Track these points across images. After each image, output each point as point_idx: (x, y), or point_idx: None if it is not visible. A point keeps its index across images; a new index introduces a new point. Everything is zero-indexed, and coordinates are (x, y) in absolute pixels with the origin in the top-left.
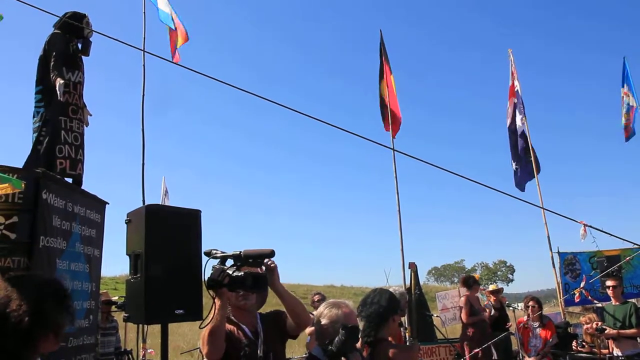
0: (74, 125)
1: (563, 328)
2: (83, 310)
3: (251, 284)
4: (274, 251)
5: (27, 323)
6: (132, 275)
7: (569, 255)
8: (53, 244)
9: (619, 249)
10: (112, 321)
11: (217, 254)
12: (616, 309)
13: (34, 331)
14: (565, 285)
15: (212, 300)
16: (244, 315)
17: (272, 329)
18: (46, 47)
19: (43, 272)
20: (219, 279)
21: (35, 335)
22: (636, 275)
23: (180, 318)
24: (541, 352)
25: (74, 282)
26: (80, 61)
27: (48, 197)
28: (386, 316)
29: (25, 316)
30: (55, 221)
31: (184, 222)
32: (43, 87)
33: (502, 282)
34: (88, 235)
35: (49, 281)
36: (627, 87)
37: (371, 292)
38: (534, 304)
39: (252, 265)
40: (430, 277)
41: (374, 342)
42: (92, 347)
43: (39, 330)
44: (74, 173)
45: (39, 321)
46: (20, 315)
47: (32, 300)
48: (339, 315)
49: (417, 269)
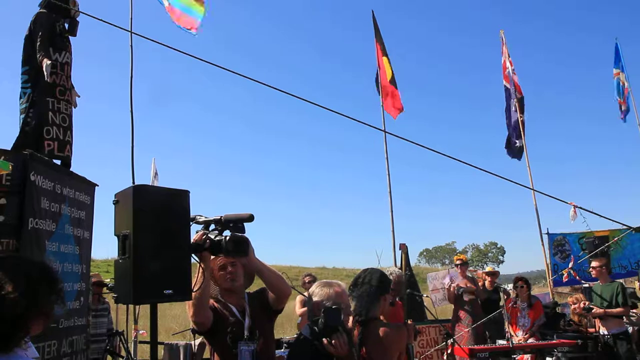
0: (61, 106)
1: (551, 308)
2: (73, 292)
3: (232, 248)
4: (252, 215)
5: (20, 305)
6: (120, 256)
7: (558, 236)
8: (42, 226)
9: (608, 229)
10: (103, 303)
11: (200, 219)
12: (603, 289)
13: (27, 314)
14: (554, 266)
15: None
16: (232, 295)
17: (259, 307)
18: (32, 27)
19: (32, 254)
20: (200, 243)
21: (28, 317)
22: (624, 255)
23: (169, 298)
24: (529, 331)
25: (64, 264)
26: (68, 41)
27: (36, 179)
28: (377, 295)
29: (19, 298)
30: (44, 203)
31: (173, 203)
32: (29, 68)
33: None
34: (78, 217)
35: (39, 264)
36: (620, 69)
37: (362, 272)
38: (523, 284)
39: (233, 230)
40: (421, 259)
41: (365, 321)
42: (83, 329)
43: (31, 313)
44: (62, 155)
45: (32, 304)
46: (14, 298)
47: (25, 283)
48: (330, 294)
49: (408, 250)
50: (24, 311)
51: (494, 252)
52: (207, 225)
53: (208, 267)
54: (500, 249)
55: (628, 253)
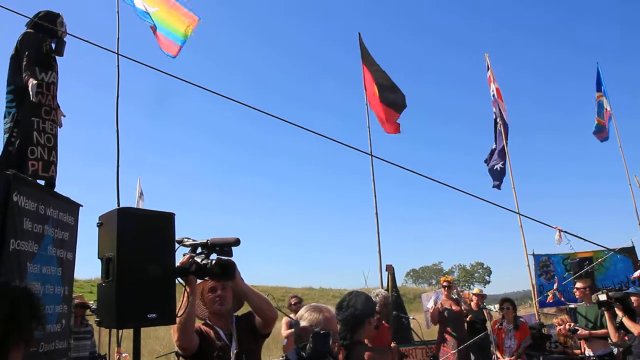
0: (47, 126)
1: (537, 329)
2: (55, 315)
3: (218, 272)
4: (239, 239)
5: (1, 331)
6: (104, 279)
7: (543, 257)
8: (24, 247)
9: (592, 250)
10: (86, 325)
11: (187, 242)
12: (588, 310)
13: (8, 339)
14: (539, 287)
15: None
16: (220, 319)
17: (245, 330)
18: (18, 47)
19: (13, 276)
20: (186, 267)
21: (9, 343)
22: (607, 276)
23: (152, 322)
24: (515, 352)
25: (46, 285)
26: (54, 61)
27: (19, 199)
28: (362, 319)
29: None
30: (27, 224)
31: (157, 225)
32: (15, 87)
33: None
34: (61, 238)
35: (20, 288)
36: (602, 92)
37: (347, 295)
38: (509, 306)
39: (220, 254)
40: (408, 279)
41: (349, 345)
42: (64, 352)
43: (12, 338)
44: (47, 175)
45: (13, 329)
46: None
47: (6, 308)
48: (319, 320)
49: (395, 271)
50: (4, 336)
51: (480, 273)
52: (193, 248)
53: (194, 291)
54: (487, 270)
55: (611, 274)
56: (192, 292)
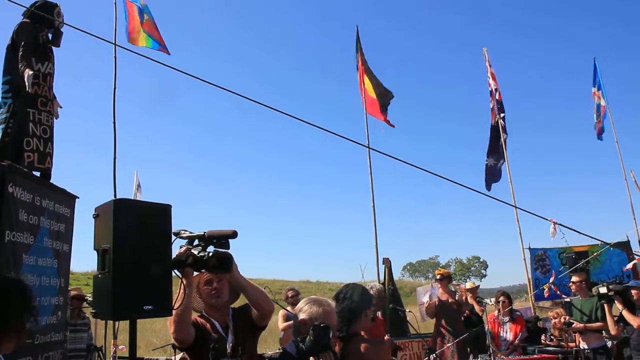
0: (42, 117)
1: (533, 322)
2: (51, 307)
3: (215, 264)
4: (236, 232)
5: None
6: (100, 271)
7: (539, 251)
8: (19, 239)
9: (587, 245)
10: (83, 317)
11: (184, 235)
12: (583, 304)
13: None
14: (535, 281)
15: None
16: (216, 311)
17: (242, 323)
18: (14, 37)
19: (8, 268)
20: (183, 259)
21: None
22: (602, 270)
23: (149, 314)
24: (511, 346)
25: (42, 277)
26: (51, 52)
27: (14, 190)
28: (358, 311)
29: None
30: (22, 215)
31: (154, 217)
32: (11, 78)
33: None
34: (57, 230)
35: (11, 280)
36: (597, 87)
37: (344, 287)
38: (505, 299)
39: (217, 246)
40: (405, 273)
41: (346, 337)
42: (60, 344)
43: (2, 330)
44: (43, 166)
45: (2, 322)
46: None
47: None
48: (318, 313)
49: (392, 265)
50: None
51: (476, 266)
52: (191, 240)
53: (190, 283)
54: (483, 263)
55: (607, 268)
56: (189, 284)
